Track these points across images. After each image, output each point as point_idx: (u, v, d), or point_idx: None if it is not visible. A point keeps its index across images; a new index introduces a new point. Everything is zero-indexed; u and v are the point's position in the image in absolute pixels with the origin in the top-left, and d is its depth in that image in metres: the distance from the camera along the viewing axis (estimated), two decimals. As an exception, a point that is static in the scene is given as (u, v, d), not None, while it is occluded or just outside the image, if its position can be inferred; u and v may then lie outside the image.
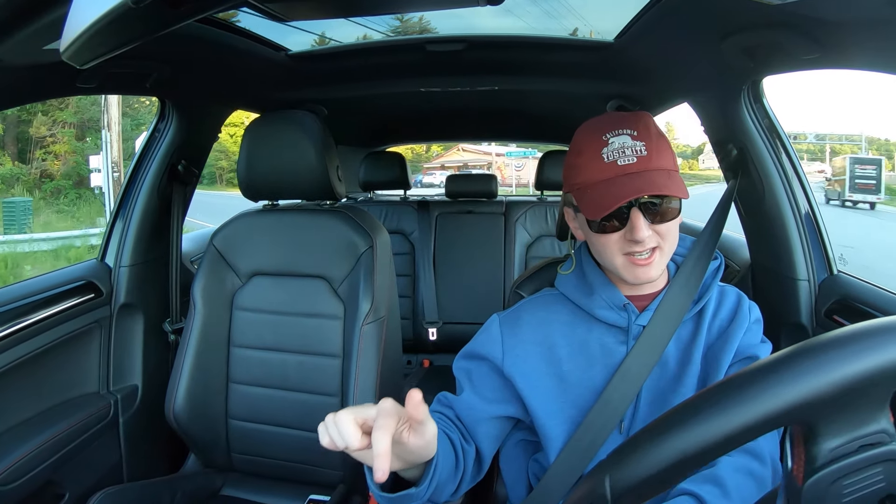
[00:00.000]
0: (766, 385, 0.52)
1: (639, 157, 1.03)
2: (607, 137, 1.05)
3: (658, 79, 2.04)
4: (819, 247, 1.71)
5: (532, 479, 1.24)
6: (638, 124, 1.06)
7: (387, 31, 2.03)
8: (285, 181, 1.82)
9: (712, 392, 0.56)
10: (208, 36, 1.62)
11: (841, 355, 0.51)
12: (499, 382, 1.19)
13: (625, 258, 1.06)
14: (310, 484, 1.83)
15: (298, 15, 1.25)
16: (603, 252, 1.09)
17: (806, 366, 0.52)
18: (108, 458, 1.91)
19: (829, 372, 0.51)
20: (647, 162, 1.03)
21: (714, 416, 0.53)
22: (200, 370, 1.81)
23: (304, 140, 1.77)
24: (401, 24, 2.01)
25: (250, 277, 1.87)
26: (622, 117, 1.08)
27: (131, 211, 2.03)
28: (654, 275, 1.07)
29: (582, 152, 1.08)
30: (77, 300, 1.85)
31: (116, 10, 0.71)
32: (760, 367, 0.54)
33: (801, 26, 1.16)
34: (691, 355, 1.12)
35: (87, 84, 1.52)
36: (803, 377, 0.51)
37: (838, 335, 0.53)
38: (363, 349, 1.71)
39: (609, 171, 1.03)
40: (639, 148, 1.03)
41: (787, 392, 0.51)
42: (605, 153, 1.04)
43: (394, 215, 3.60)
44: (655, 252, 1.05)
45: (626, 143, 1.03)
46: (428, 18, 1.96)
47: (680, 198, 1.06)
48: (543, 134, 4.41)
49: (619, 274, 1.09)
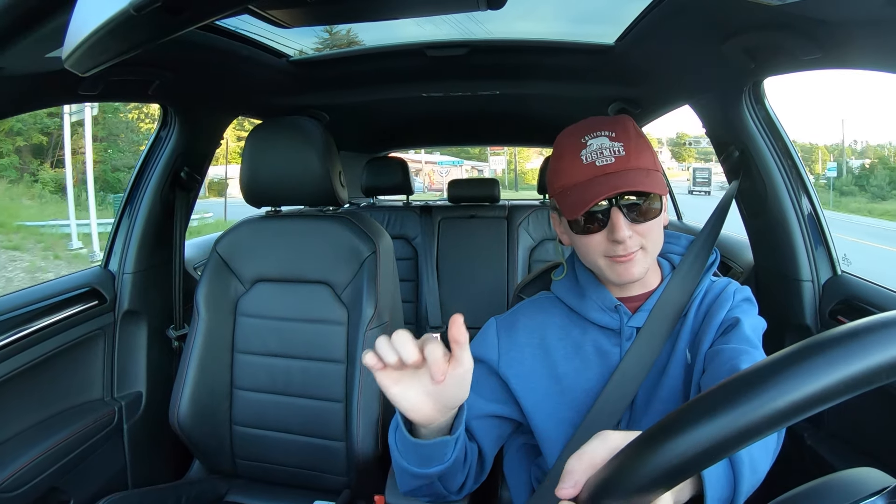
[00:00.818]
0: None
1: (617, 157, 1.03)
2: (585, 140, 1.05)
3: (659, 81, 2.04)
4: (823, 247, 1.71)
5: (534, 484, 1.24)
6: (616, 126, 1.07)
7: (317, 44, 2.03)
8: (288, 187, 1.82)
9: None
10: (210, 43, 1.62)
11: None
12: (496, 384, 1.19)
13: (607, 259, 1.07)
14: (314, 490, 1.83)
15: (299, 21, 1.25)
16: (586, 254, 1.10)
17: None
18: (112, 465, 1.91)
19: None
20: (626, 162, 1.03)
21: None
22: (204, 376, 1.82)
23: (307, 146, 1.77)
24: (329, 36, 2.01)
25: (253, 284, 1.87)
26: (600, 121, 1.09)
27: (134, 218, 2.03)
28: (636, 273, 1.07)
29: (562, 156, 1.09)
30: (81, 307, 1.86)
31: (118, 18, 0.71)
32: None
33: (802, 27, 1.16)
34: (676, 347, 1.12)
35: (89, 92, 1.53)
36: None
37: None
38: None
39: (587, 171, 1.04)
40: (616, 148, 1.04)
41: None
42: (584, 155, 1.04)
43: (396, 220, 3.60)
44: (637, 251, 1.05)
45: (605, 144, 1.04)
46: (356, 31, 1.97)
47: (661, 196, 1.06)
48: (545, 137, 4.40)
49: (603, 275, 1.10)
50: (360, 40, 2.00)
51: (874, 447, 1.42)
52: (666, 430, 0.53)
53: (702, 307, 1.15)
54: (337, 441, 1.78)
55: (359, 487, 1.76)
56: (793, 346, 0.50)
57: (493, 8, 1.06)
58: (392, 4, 1.17)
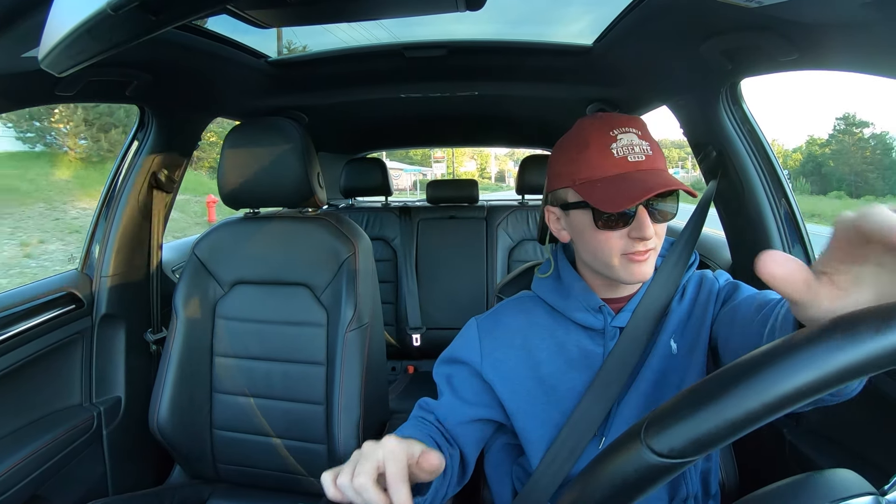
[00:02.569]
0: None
1: (647, 155, 1.02)
2: (615, 133, 1.03)
3: (637, 82, 2.05)
4: (799, 246, 1.73)
5: (516, 484, 1.24)
6: (638, 125, 1.05)
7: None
8: (266, 189, 1.80)
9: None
10: (188, 43, 1.61)
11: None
12: (479, 386, 1.19)
13: (623, 257, 1.05)
14: (297, 493, 1.82)
15: (278, 22, 1.25)
16: (600, 250, 1.06)
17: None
18: (93, 472, 1.89)
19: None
20: (654, 161, 1.02)
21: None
22: (184, 380, 1.80)
23: (285, 147, 1.76)
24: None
25: (232, 286, 1.86)
26: (622, 117, 1.06)
27: (112, 220, 2.00)
28: (649, 272, 1.06)
29: (589, 145, 1.04)
30: (58, 311, 1.83)
31: (95, 17, 0.70)
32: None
33: (780, 28, 1.17)
34: (659, 340, 1.13)
35: (66, 92, 1.51)
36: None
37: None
38: (347, 356, 1.71)
39: (621, 165, 1.01)
40: (645, 147, 1.02)
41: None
42: (615, 148, 1.01)
43: (375, 222, 3.60)
44: (651, 251, 1.05)
45: (634, 140, 1.02)
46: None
47: (678, 199, 1.06)
48: (524, 138, 4.43)
49: (613, 274, 1.07)
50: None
51: (853, 442, 1.44)
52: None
53: (685, 297, 1.17)
54: (318, 444, 1.77)
55: None
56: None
57: (472, 9, 1.06)
58: (370, 5, 1.17)
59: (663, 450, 0.50)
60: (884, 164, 36.69)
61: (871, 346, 0.45)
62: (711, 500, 1.19)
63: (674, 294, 1.15)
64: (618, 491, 0.53)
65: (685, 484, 1.13)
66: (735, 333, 1.01)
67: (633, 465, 0.52)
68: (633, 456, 0.52)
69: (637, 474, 0.52)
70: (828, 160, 47.47)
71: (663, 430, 0.51)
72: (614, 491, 0.53)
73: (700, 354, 1.11)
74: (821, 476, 0.60)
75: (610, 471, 0.54)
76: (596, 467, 0.56)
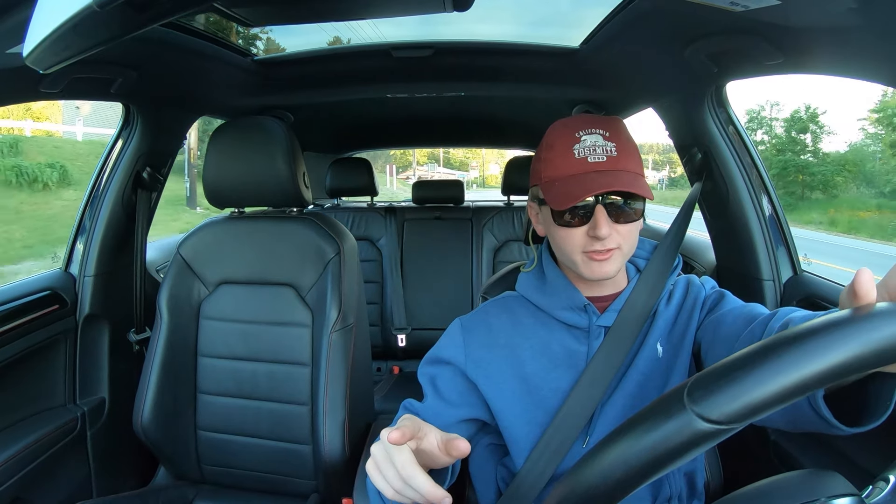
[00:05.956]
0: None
1: (609, 156, 1.04)
2: (580, 135, 1.05)
3: (623, 84, 2.07)
4: (784, 247, 1.75)
5: (500, 484, 1.24)
6: (609, 126, 1.07)
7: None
8: (251, 188, 1.79)
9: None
10: (174, 40, 1.60)
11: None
12: (463, 386, 1.19)
13: (584, 254, 1.07)
14: (283, 494, 1.81)
15: (264, 20, 1.24)
16: (563, 247, 1.10)
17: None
18: (76, 473, 1.87)
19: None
20: (616, 162, 1.04)
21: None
22: (168, 381, 1.79)
23: (271, 146, 1.75)
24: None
25: (217, 286, 1.85)
26: (595, 118, 1.09)
27: (95, 219, 1.98)
28: (611, 271, 1.07)
29: (553, 146, 1.08)
30: (41, 311, 1.81)
31: (81, 14, 0.70)
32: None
33: (765, 33, 1.18)
34: (645, 343, 1.14)
35: (50, 89, 1.49)
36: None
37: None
38: (332, 357, 1.70)
39: (578, 166, 1.04)
40: (609, 148, 1.04)
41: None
42: (577, 149, 1.05)
43: (361, 222, 3.58)
44: (615, 250, 1.06)
45: (598, 142, 1.04)
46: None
47: (644, 200, 1.07)
48: (510, 139, 4.44)
49: (577, 270, 1.10)
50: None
51: (836, 441, 1.45)
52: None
53: (672, 301, 1.18)
54: (304, 444, 1.77)
55: (327, 490, 1.75)
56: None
57: (460, 10, 1.06)
58: (357, 5, 1.17)
59: (712, 415, 0.50)
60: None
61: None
62: (696, 499, 1.19)
63: (660, 296, 1.16)
64: (659, 457, 0.52)
65: (668, 483, 1.14)
66: (719, 343, 1.04)
67: (677, 431, 0.51)
68: (675, 422, 0.52)
69: (683, 437, 0.51)
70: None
71: (711, 395, 0.51)
72: (655, 457, 0.52)
73: (684, 358, 1.13)
74: (804, 476, 0.60)
75: (648, 438, 0.53)
76: (632, 430, 0.55)
